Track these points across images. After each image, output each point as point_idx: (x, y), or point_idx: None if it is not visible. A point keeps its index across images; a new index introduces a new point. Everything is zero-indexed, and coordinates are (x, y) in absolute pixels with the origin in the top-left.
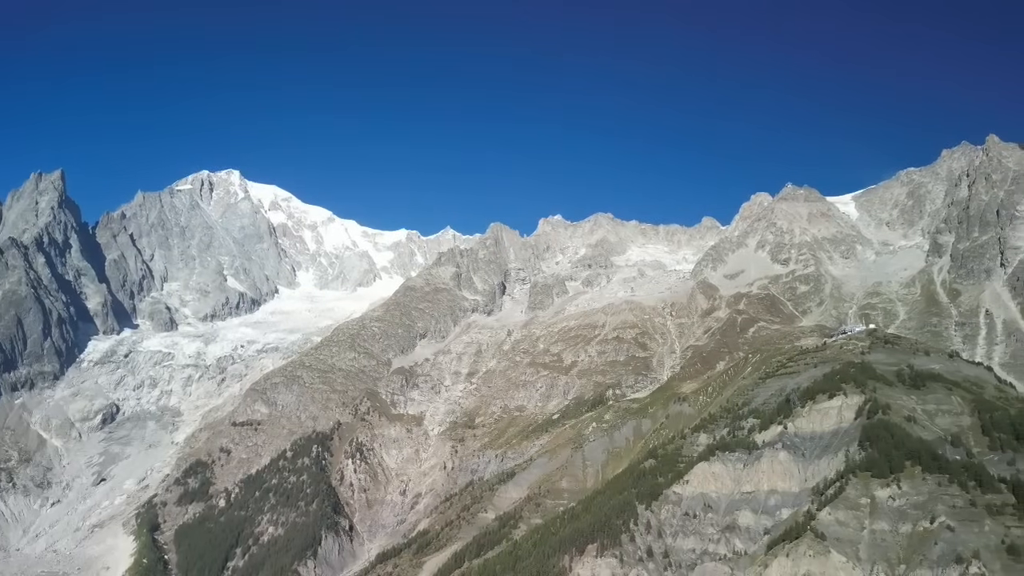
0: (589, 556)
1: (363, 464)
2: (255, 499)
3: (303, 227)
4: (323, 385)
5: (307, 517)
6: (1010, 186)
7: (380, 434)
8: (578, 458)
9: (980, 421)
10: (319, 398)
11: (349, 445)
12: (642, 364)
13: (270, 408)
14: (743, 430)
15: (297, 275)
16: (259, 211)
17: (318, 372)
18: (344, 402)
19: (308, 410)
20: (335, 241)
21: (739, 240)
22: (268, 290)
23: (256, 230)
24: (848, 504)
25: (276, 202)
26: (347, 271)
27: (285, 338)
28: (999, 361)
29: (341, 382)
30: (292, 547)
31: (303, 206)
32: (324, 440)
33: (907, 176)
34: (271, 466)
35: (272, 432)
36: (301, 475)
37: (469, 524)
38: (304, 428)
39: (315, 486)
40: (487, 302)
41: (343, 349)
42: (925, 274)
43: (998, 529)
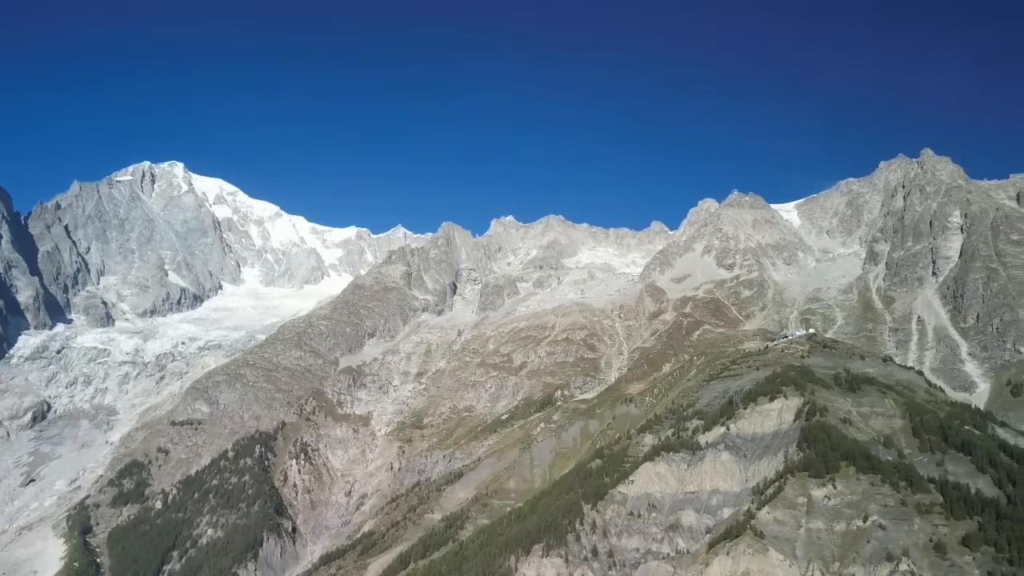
0: (535, 556)
1: (308, 465)
2: (194, 501)
3: (249, 222)
4: (268, 384)
5: (248, 519)
6: (942, 198)
7: (326, 434)
8: (526, 458)
9: (911, 423)
10: (263, 397)
11: (293, 445)
12: (591, 365)
13: (212, 407)
14: (687, 431)
15: (242, 271)
16: (203, 205)
17: (262, 371)
18: (289, 402)
19: (251, 409)
20: (282, 237)
21: (686, 245)
22: (212, 286)
23: (200, 224)
24: (786, 503)
25: (221, 196)
26: (294, 268)
27: (228, 335)
28: (929, 366)
29: (286, 381)
30: (232, 549)
31: (250, 200)
32: (267, 440)
33: (847, 186)
34: (212, 467)
35: (213, 432)
36: (243, 476)
37: (415, 525)
38: (247, 428)
39: (257, 487)
40: (438, 302)
41: (289, 347)
42: (862, 281)
43: (927, 528)
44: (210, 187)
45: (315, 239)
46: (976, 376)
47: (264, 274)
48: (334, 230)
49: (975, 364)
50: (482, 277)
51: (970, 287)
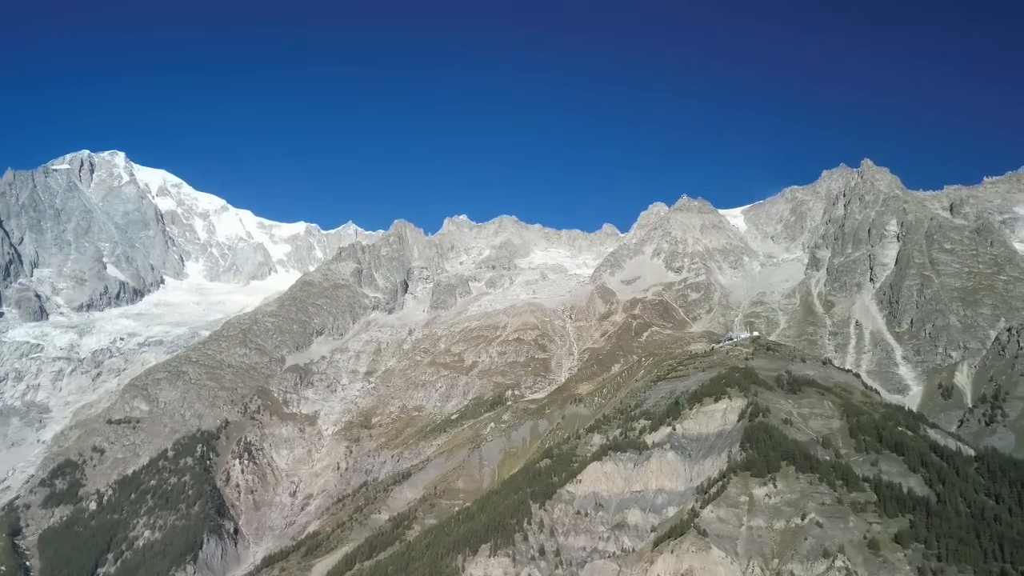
0: (482, 556)
1: (251, 464)
2: (131, 501)
3: (194, 215)
4: (210, 382)
5: (188, 520)
6: (881, 207)
7: (271, 433)
8: (475, 458)
9: (848, 424)
10: (205, 395)
11: (237, 445)
12: (541, 365)
13: (151, 405)
14: (635, 431)
15: (186, 265)
16: (145, 196)
17: (205, 368)
18: (233, 400)
19: (193, 408)
20: (228, 231)
21: (636, 247)
22: (153, 280)
23: (141, 216)
24: (729, 502)
25: (165, 188)
26: (240, 263)
27: (170, 331)
28: (866, 369)
29: (230, 379)
30: (170, 552)
31: (194, 193)
32: (210, 439)
33: (791, 193)
34: (150, 467)
35: (152, 431)
36: (183, 476)
37: (362, 525)
38: (188, 427)
39: (198, 487)
40: (388, 300)
41: (233, 344)
42: (804, 286)
43: (861, 525)
44: (153, 178)
45: (262, 234)
46: (909, 379)
47: (209, 269)
48: (282, 225)
49: (909, 368)
50: (434, 276)
51: (905, 293)
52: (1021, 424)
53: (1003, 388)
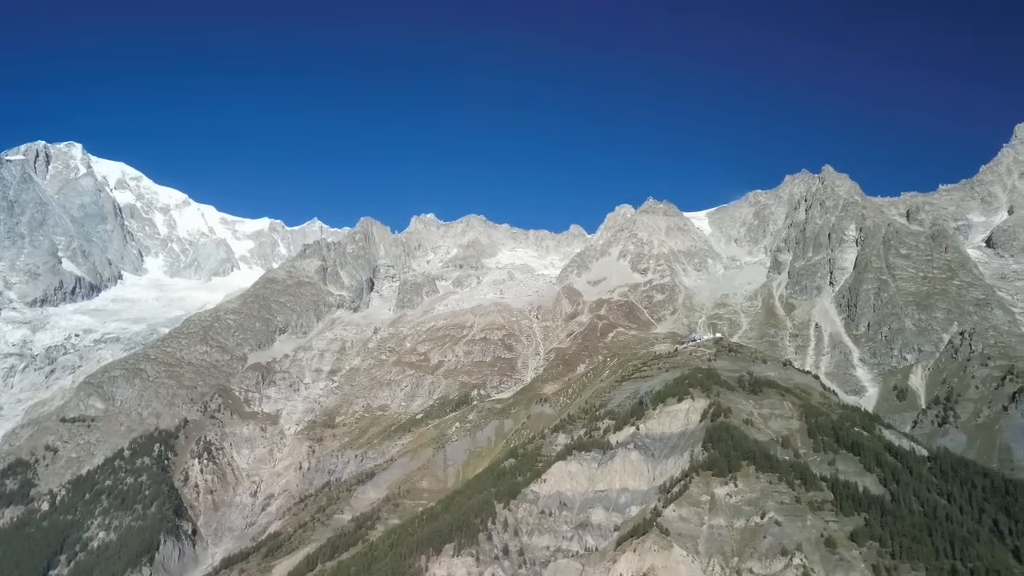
0: (446, 556)
1: (211, 464)
2: (85, 502)
3: (154, 209)
4: (169, 380)
5: (144, 521)
6: (840, 213)
7: (231, 433)
8: (440, 458)
9: (807, 425)
10: (164, 393)
11: (196, 444)
12: (507, 365)
13: (107, 403)
14: (599, 431)
15: (145, 261)
16: (103, 189)
17: (164, 366)
18: (192, 398)
19: (151, 406)
20: (190, 226)
21: (603, 249)
22: (110, 275)
23: (99, 209)
24: (691, 501)
25: (124, 181)
26: (202, 259)
27: (128, 328)
28: (825, 370)
29: (190, 377)
30: (125, 553)
31: (155, 187)
32: (168, 439)
33: (754, 197)
34: (105, 466)
35: (108, 429)
36: (140, 476)
37: (324, 526)
38: (146, 425)
39: (155, 488)
40: (354, 298)
41: (194, 342)
42: (766, 288)
43: (818, 524)
44: (111, 171)
45: (225, 230)
46: (866, 381)
47: (169, 265)
48: (246, 221)
49: (865, 369)
50: (400, 274)
51: (862, 297)
52: (972, 425)
53: (955, 390)
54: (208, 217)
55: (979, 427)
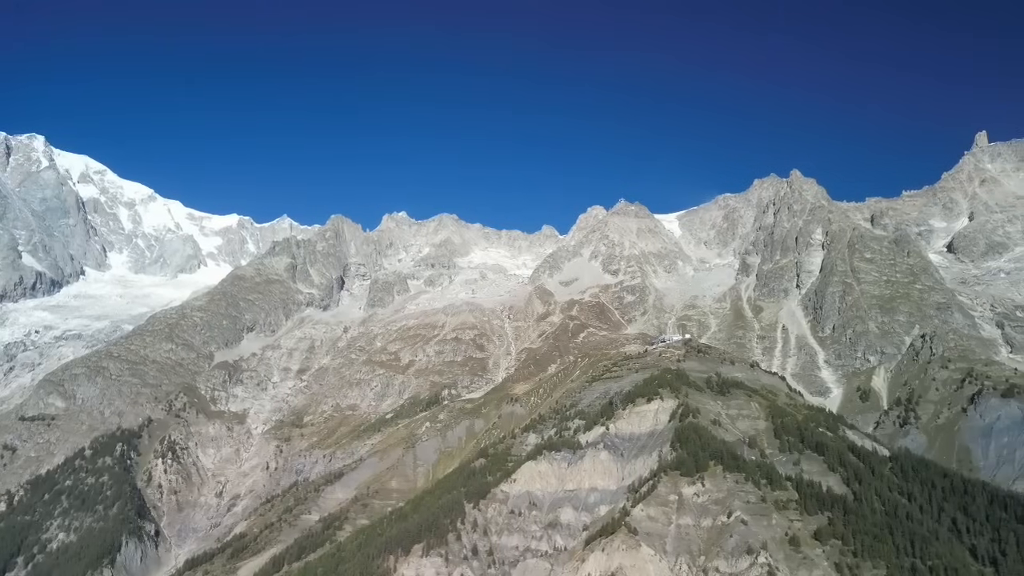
0: (415, 556)
1: (175, 464)
2: (44, 502)
3: (118, 204)
4: (133, 378)
5: (106, 522)
6: (807, 217)
7: (197, 432)
8: (409, 458)
9: (773, 425)
10: (127, 392)
11: (160, 444)
12: (479, 365)
13: (68, 402)
14: (569, 430)
15: (109, 256)
16: (66, 183)
17: (128, 364)
18: (157, 397)
19: (113, 405)
20: (156, 222)
21: (575, 249)
22: (72, 271)
23: (61, 204)
24: (659, 501)
25: (87, 174)
26: (168, 255)
27: (90, 325)
28: (791, 372)
29: (154, 375)
30: (86, 554)
31: (119, 181)
32: (131, 438)
33: (724, 201)
34: (66, 466)
35: (69, 428)
36: (101, 476)
37: (291, 526)
38: (108, 424)
39: (117, 488)
40: (323, 296)
41: (159, 340)
42: (734, 291)
43: (783, 522)
44: (75, 164)
45: (192, 225)
46: (831, 382)
47: (134, 261)
48: (213, 217)
49: (830, 371)
50: (371, 273)
51: (828, 300)
52: (932, 426)
53: (916, 392)
54: (175, 212)
55: (939, 428)
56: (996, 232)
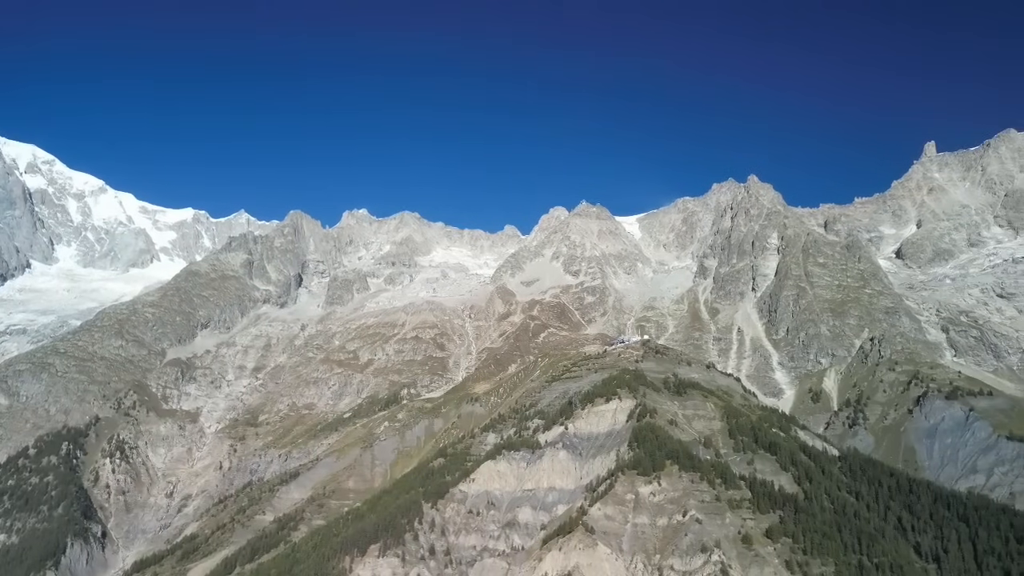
0: (371, 556)
1: (124, 464)
2: None
3: (67, 195)
4: (80, 375)
5: (50, 523)
6: (764, 221)
7: (147, 431)
8: (367, 457)
9: (728, 425)
10: (74, 389)
11: (108, 443)
12: (439, 364)
13: (10, 399)
14: (529, 430)
15: (56, 249)
16: (12, 173)
17: (75, 360)
18: (105, 395)
19: (59, 402)
20: (106, 214)
21: (537, 250)
22: (17, 264)
23: (7, 194)
24: (616, 500)
25: (35, 164)
26: (119, 249)
27: (35, 320)
28: (746, 373)
29: (103, 372)
30: (28, 557)
31: (69, 172)
32: (77, 437)
33: (683, 204)
34: (8, 465)
35: (11, 426)
36: (46, 475)
37: (244, 527)
38: (53, 423)
39: (63, 488)
40: (281, 293)
41: (108, 336)
42: (692, 293)
43: (736, 521)
44: (21, 153)
45: (145, 219)
46: (784, 383)
47: (83, 254)
48: (168, 211)
49: (783, 372)
50: (330, 270)
51: (782, 303)
52: (879, 427)
53: (865, 393)
54: (126, 205)
55: (886, 429)
56: (942, 239)
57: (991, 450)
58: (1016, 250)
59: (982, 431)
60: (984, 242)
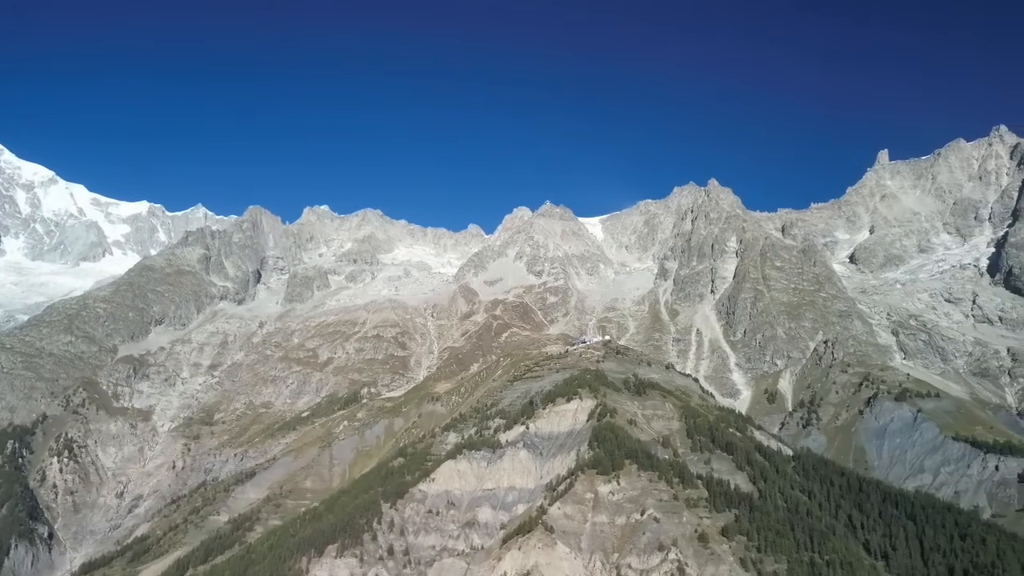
0: (328, 557)
1: (72, 463)
2: None
3: (15, 186)
4: (27, 371)
5: None
6: (723, 225)
7: (96, 429)
8: (325, 457)
9: (686, 425)
10: (20, 386)
11: (56, 441)
12: (400, 363)
13: None
14: (490, 429)
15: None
16: None
17: (21, 356)
18: (53, 392)
19: (5, 399)
20: (56, 206)
21: (500, 249)
22: None
23: None
24: (576, 499)
25: None
26: (69, 242)
27: None
28: (704, 374)
29: (51, 369)
30: None
31: (17, 161)
32: (23, 435)
33: (645, 206)
34: None
35: None
36: None
37: (197, 528)
38: None
39: (7, 487)
40: (239, 290)
41: (57, 331)
42: (653, 294)
43: (693, 520)
44: None
45: (97, 211)
46: (741, 384)
47: (31, 247)
48: (121, 204)
49: (740, 373)
50: (290, 267)
51: (740, 305)
52: (832, 427)
53: (818, 394)
54: (78, 197)
55: (838, 429)
56: (894, 245)
57: (937, 450)
58: (963, 256)
59: (929, 432)
60: (933, 248)
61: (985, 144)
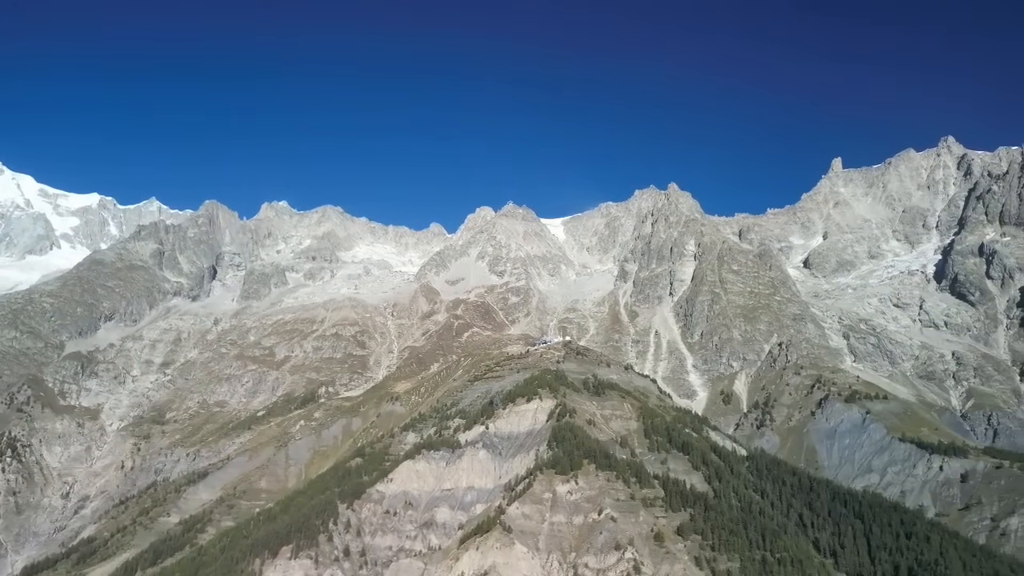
0: (283, 558)
1: (15, 463)
2: None
3: None
4: None
5: None
6: (682, 228)
7: (41, 428)
8: (281, 457)
9: (644, 425)
10: None
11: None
12: (359, 362)
13: None
14: (449, 429)
15: None
16: None
17: None
18: None
19: None
20: (2, 197)
21: (462, 249)
22: None
23: None
24: (534, 499)
25: None
26: (15, 234)
27: None
28: (662, 375)
29: None
30: None
31: None
32: None
33: (607, 209)
34: None
35: None
36: None
37: (147, 529)
38: None
39: None
40: (193, 286)
41: (1, 326)
42: (613, 296)
43: (649, 519)
44: None
45: (45, 203)
46: (697, 385)
47: None
48: (71, 195)
49: (697, 375)
50: (247, 263)
51: (697, 308)
52: (784, 428)
53: (772, 396)
54: (25, 188)
55: (790, 430)
56: (846, 251)
57: (885, 451)
58: (911, 263)
59: (877, 433)
60: (883, 255)
61: (934, 155)
